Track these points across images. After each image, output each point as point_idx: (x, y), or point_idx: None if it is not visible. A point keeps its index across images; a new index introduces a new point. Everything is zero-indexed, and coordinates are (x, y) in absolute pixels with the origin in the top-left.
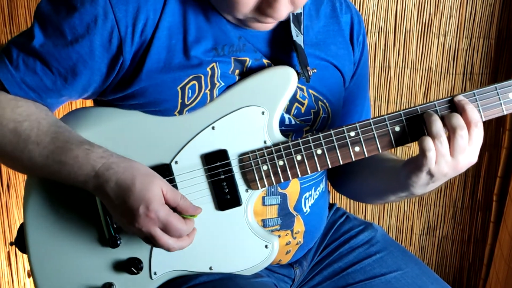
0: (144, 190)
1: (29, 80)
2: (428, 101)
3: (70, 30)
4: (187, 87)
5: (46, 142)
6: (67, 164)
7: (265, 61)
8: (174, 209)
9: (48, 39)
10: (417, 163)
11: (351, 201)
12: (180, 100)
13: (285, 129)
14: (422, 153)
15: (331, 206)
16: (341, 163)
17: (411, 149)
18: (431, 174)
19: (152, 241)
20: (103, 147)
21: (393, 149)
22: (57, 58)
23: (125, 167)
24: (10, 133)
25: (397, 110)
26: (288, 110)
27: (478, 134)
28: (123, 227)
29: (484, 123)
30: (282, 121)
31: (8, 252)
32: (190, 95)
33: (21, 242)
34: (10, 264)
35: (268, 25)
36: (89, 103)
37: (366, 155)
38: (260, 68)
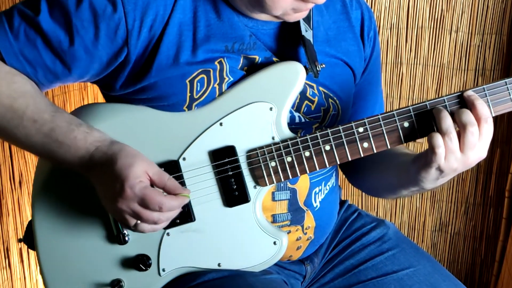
0: (123, 169)
1: (28, 53)
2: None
3: (77, 16)
4: (195, 80)
5: (44, 119)
6: (65, 144)
7: (274, 59)
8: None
9: (53, 20)
10: (426, 159)
11: (363, 197)
12: (189, 94)
13: (295, 127)
14: (432, 149)
15: (343, 202)
16: (350, 159)
17: (423, 144)
18: (440, 170)
19: (138, 218)
20: (101, 131)
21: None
22: (60, 40)
23: (113, 149)
24: (4, 108)
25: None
26: (298, 108)
27: (488, 130)
28: (110, 213)
29: (496, 119)
30: (292, 119)
31: (20, 249)
32: (198, 89)
33: (29, 239)
34: (22, 261)
35: (305, 12)
36: (100, 99)
37: (375, 151)
38: (269, 64)
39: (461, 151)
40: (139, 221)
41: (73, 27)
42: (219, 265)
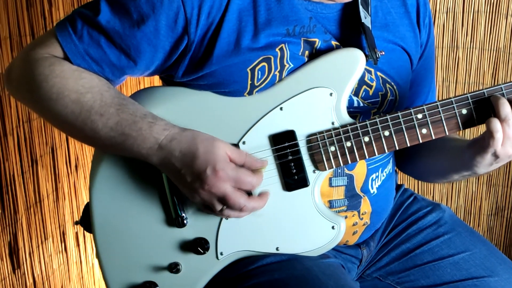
0: (208, 153)
1: (93, 52)
2: (496, 81)
3: (136, 9)
4: (257, 68)
5: (110, 113)
6: (131, 136)
7: (334, 42)
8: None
9: (114, 17)
10: (483, 144)
11: (419, 182)
12: (249, 82)
13: (353, 111)
14: (490, 134)
15: (398, 187)
16: (409, 145)
17: (479, 130)
18: (496, 155)
19: (224, 202)
20: (165, 120)
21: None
22: (122, 35)
23: (186, 136)
24: (72, 103)
25: (465, 90)
26: (356, 93)
27: None
28: (192, 198)
29: None
30: (350, 104)
31: (77, 233)
32: (259, 77)
33: (86, 221)
34: (78, 245)
35: None
36: (156, 82)
37: (433, 137)
38: (329, 49)
39: None
40: (225, 206)
41: (134, 22)
42: (277, 249)
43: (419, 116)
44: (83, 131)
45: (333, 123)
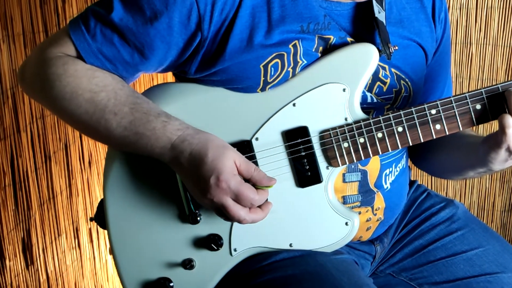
0: (216, 161)
1: (106, 51)
2: (509, 77)
3: (149, 6)
4: (269, 65)
5: (124, 112)
6: (145, 135)
7: (349, 39)
8: (249, 181)
9: (127, 14)
10: (496, 139)
11: (433, 177)
12: (262, 78)
13: (367, 107)
14: (502, 130)
15: (412, 183)
16: (422, 140)
17: (493, 126)
18: (510, 151)
19: (224, 212)
20: (179, 119)
21: (474, 127)
22: (135, 33)
23: (199, 139)
24: (86, 102)
25: (478, 86)
26: (370, 89)
27: None
28: (196, 198)
29: None
30: (364, 99)
31: (90, 229)
32: (272, 73)
33: (101, 217)
34: (91, 241)
35: None
36: (169, 78)
37: (447, 133)
38: (343, 45)
39: None
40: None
41: (147, 19)
42: (290, 245)
43: (433, 111)
44: (97, 130)
45: (346, 119)
